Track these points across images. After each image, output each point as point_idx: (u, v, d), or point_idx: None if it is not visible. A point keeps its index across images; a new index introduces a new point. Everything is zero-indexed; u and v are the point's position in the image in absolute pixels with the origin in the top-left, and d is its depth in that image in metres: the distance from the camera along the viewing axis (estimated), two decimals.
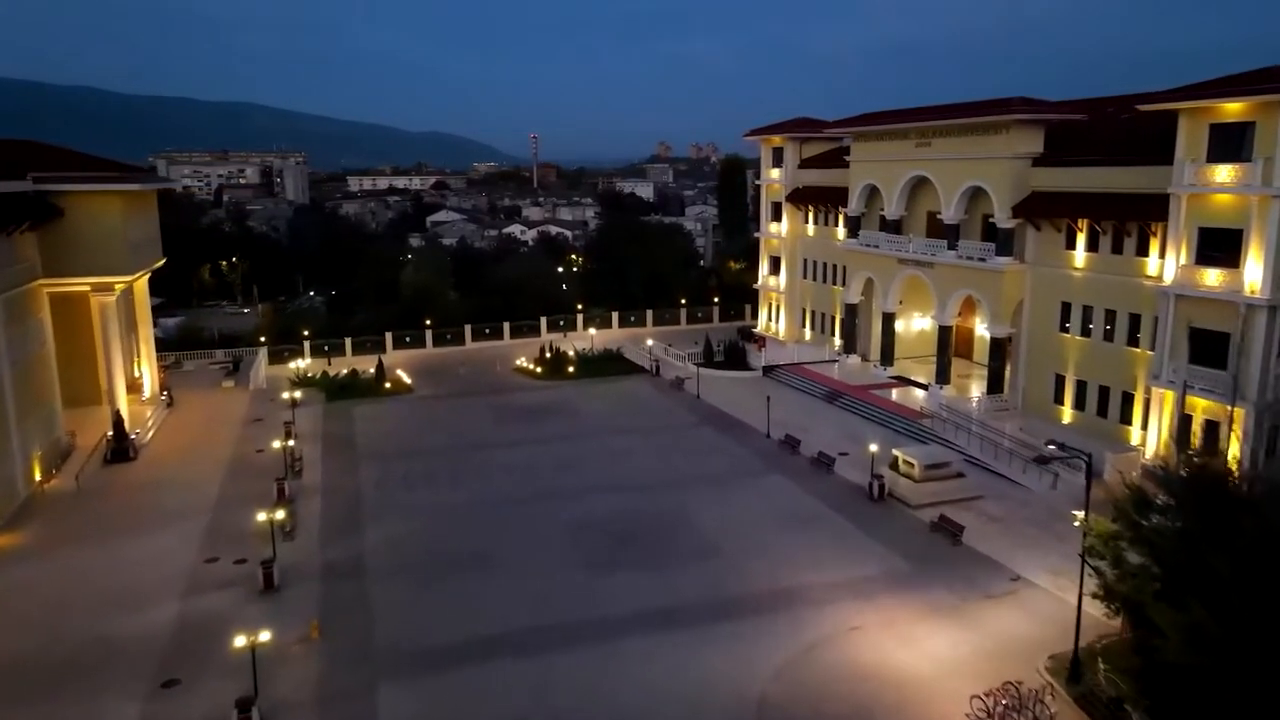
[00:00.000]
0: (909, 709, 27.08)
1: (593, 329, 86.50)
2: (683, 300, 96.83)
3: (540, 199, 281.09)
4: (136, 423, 54.61)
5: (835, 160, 73.01)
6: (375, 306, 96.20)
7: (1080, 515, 28.28)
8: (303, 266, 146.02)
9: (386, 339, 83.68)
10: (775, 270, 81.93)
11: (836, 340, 73.73)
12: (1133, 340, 48.36)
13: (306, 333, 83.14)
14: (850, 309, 70.69)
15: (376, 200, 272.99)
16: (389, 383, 69.00)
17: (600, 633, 31.76)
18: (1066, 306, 52.32)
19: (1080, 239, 51.12)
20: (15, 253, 46.36)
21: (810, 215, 77.39)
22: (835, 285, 73.99)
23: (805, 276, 78.72)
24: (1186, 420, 44.01)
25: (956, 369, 62.23)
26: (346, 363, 76.88)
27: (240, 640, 26.45)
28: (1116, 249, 49.12)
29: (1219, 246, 42.35)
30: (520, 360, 76.35)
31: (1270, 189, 39.24)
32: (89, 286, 51.39)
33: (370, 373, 70.65)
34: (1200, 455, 28.89)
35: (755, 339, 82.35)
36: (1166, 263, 44.74)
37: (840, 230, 72.66)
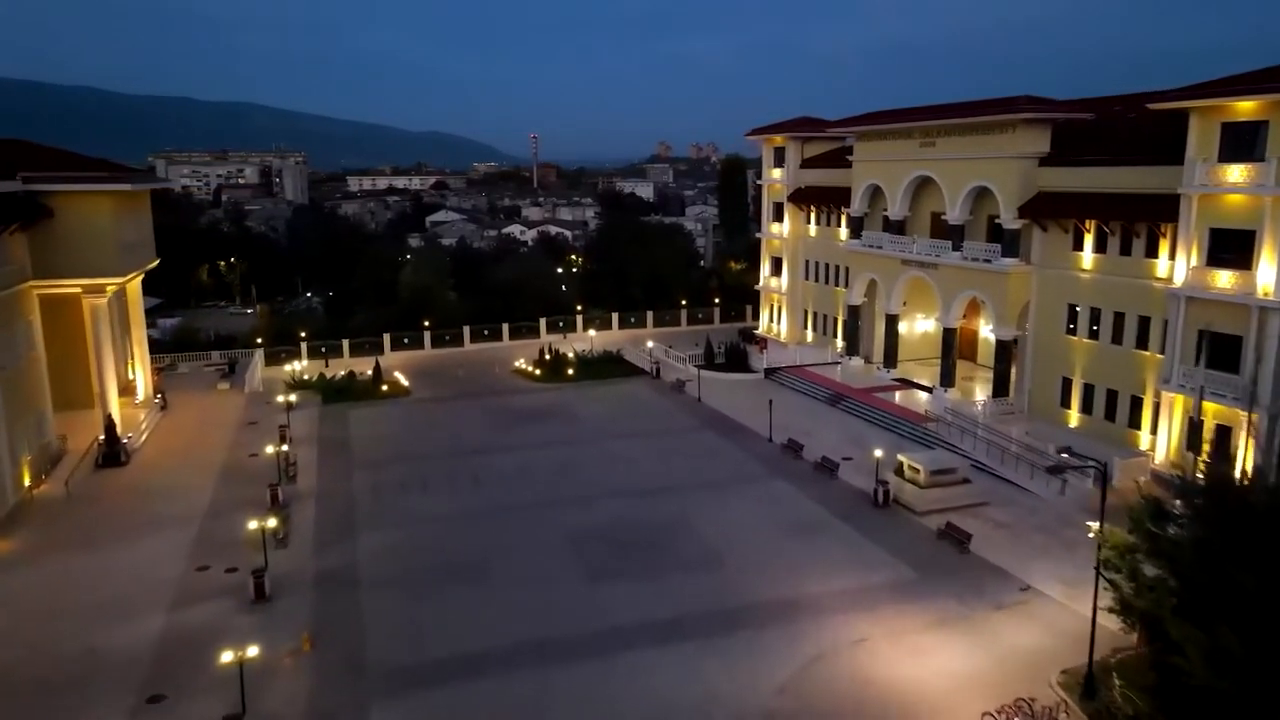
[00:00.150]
0: None
1: (592, 330, 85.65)
2: (683, 301, 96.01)
3: (540, 199, 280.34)
4: (129, 426, 53.81)
5: (838, 160, 72.18)
6: (374, 307, 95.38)
7: (1094, 526, 27.39)
8: (301, 267, 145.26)
9: (384, 340, 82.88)
10: (777, 271, 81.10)
11: (839, 342, 72.95)
12: (1142, 343, 47.50)
13: (303, 334, 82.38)
14: (853, 310, 69.87)
15: (376, 200, 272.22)
16: (386, 385, 68.19)
17: (600, 646, 30.90)
18: (1074, 309, 51.47)
19: (1088, 240, 50.28)
20: (4, 254, 45.51)
21: (812, 216, 76.55)
22: (838, 286, 73.16)
23: (807, 277, 77.88)
24: (1197, 425, 43.23)
25: (960, 371, 61.40)
26: (344, 364, 76.04)
27: (227, 656, 25.56)
28: (1125, 250, 48.26)
29: (1231, 248, 41.52)
30: (519, 362, 75.53)
31: None
32: (80, 288, 50.55)
33: (368, 375, 69.84)
34: (1217, 463, 28.03)
35: (756, 340, 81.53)
36: (1177, 264, 43.92)
37: (843, 231, 71.85)
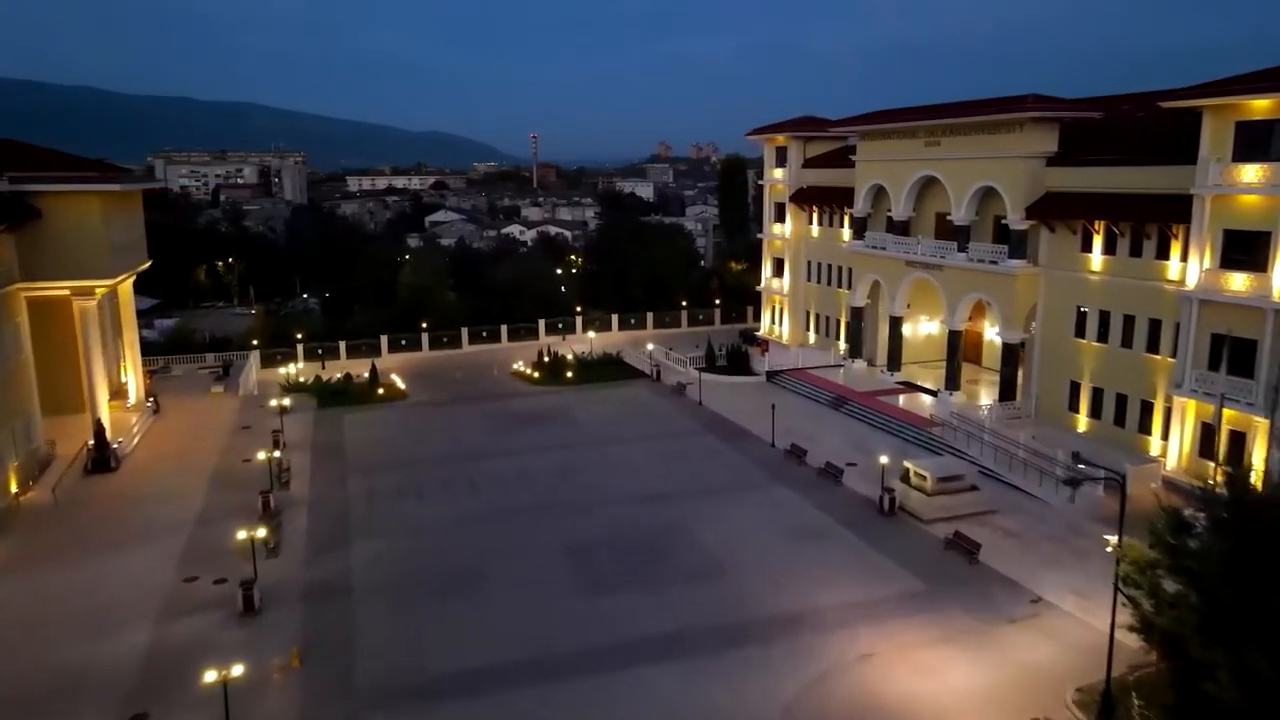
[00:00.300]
0: None
1: (592, 332, 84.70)
2: (684, 302, 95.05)
3: (540, 199, 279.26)
4: (120, 430, 52.85)
5: (840, 160, 71.20)
6: (372, 308, 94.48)
7: (1111, 538, 26.38)
8: (300, 267, 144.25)
9: (382, 342, 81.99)
10: (779, 272, 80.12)
11: (841, 344, 71.98)
12: (1152, 347, 46.51)
13: (300, 336, 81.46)
14: (856, 312, 68.88)
15: (375, 200, 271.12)
16: (383, 388, 67.26)
17: (601, 662, 29.91)
18: (1082, 311, 50.46)
19: (1097, 241, 49.28)
20: None
21: (815, 216, 75.55)
22: (840, 288, 72.16)
23: (809, 279, 76.88)
24: (1210, 431, 42.28)
25: (965, 374, 60.40)
26: (341, 366, 75.15)
27: (211, 675, 24.55)
28: (1135, 252, 47.27)
29: (1245, 249, 40.60)
30: (518, 364, 74.58)
31: None
32: (69, 290, 49.54)
33: (364, 377, 68.92)
34: (1239, 472, 27.00)
35: (758, 342, 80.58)
36: (1189, 266, 42.97)
37: (846, 231, 70.88)
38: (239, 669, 25.22)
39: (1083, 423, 50.75)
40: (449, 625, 32.42)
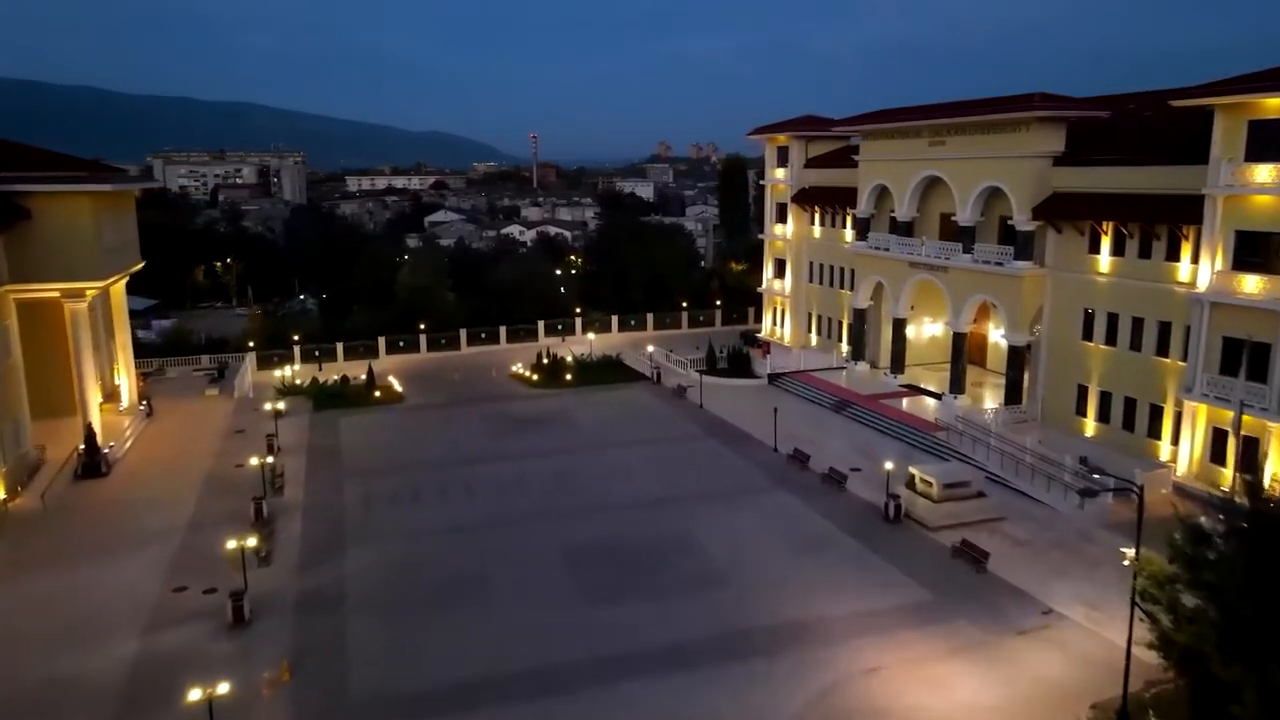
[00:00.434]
0: None
1: (591, 334, 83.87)
2: (684, 303, 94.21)
3: (539, 199, 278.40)
4: (112, 434, 52.05)
5: (843, 159, 70.38)
6: (371, 309, 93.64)
7: (1129, 552, 25.53)
8: (299, 268, 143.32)
9: (380, 344, 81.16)
10: (780, 273, 79.29)
11: (844, 346, 71.15)
12: (1162, 350, 45.68)
13: (296, 337, 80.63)
14: (859, 314, 68.04)
15: (375, 200, 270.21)
16: (380, 391, 66.41)
17: (599, 673, 29.09)
18: (1090, 313, 49.64)
19: (1105, 242, 48.45)
20: None
21: (817, 216, 74.72)
22: (843, 289, 71.33)
23: (811, 280, 76.05)
24: (1222, 436, 41.48)
25: (969, 377, 59.58)
26: (338, 368, 74.28)
27: (195, 694, 23.70)
28: (1144, 253, 46.44)
29: (1259, 251, 39.83)
30: (516, 366, 73.75)
31: None
32: (59, 292, 48.70)
33: (361, 379, 68.11)
34: (1258, 479, 26.15)
35: (759, 344, 79.73)
36: (1200, 268, 42.15)
37: (848, 232, 70.06)
38: (224, 687, 24.38)
39: (1090, 427, 49.91)
40: (445, 636, 31.59)
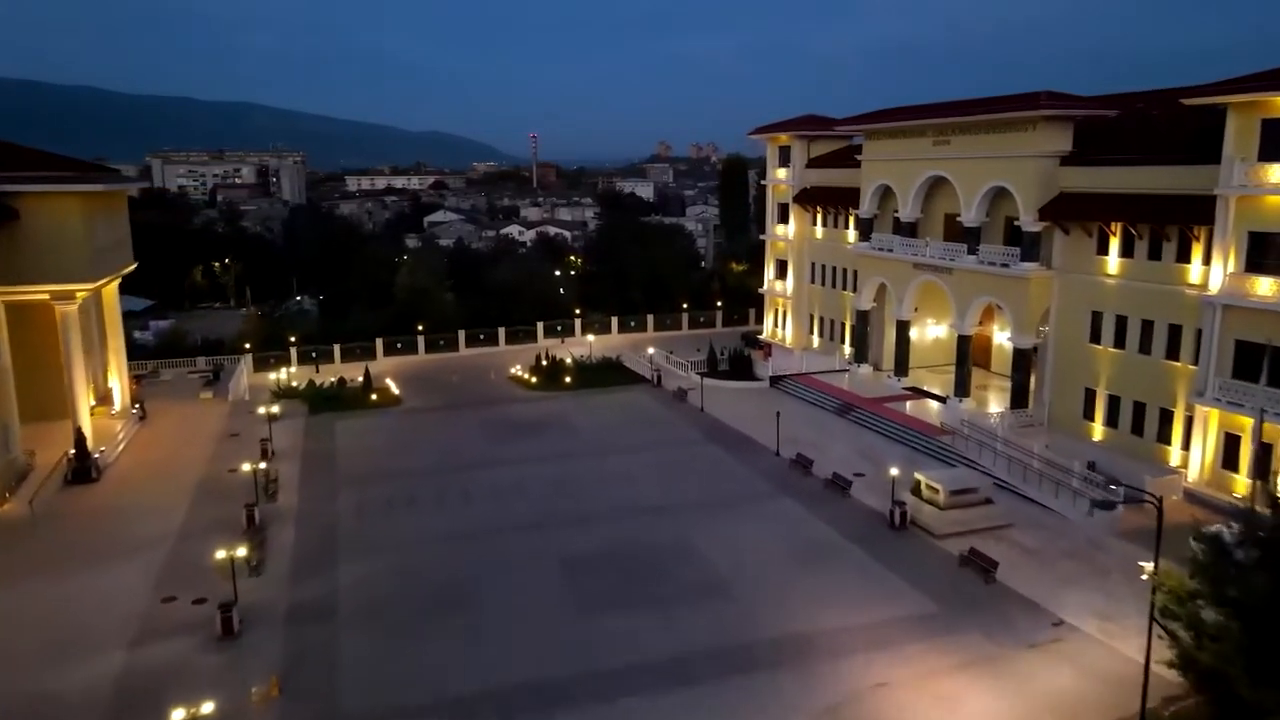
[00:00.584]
0: None
1: (591, 335, 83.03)
2: (684, 304, 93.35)
3: (539, 199, 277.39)
4: (104, 438, 51.19)
5: (846, 159, 69.51)
6: (369, 310, 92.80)
7: (1147, 566, 24.67)
8: (297, 268, 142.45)
9: (377, 346, 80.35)
10: (782, 274, 78.41)
11: (847, 348, 70.28)
12: (1172, 353, 44.80)
13: (293, 339, 79.81)
14: (862, 316, 67.17)
15: (374, 200, 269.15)
16: (376, 394, 65.55)
17: (598, 688, 28.26)
18: (1098, 316, 48.75)
19: (1113, 244, 47.58)
20: None
21: (819, 217, 73.86)
22: (845, 291, 70.45)
23: (813, 281, 75.16)
24: (1235, 442, 40.64)
25: (974, 380, 58.63)
26: (335, 370, 73.49)
27: (179, 714, 22.82)
28: (1154, 254, 45.56)
29: (1272, 253, 38.99)
30: (515, 368, 72.91)
31: None
32: (48, 294, 47.84)
33: (358, 382, 67.27)
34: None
35: (760, 345, 78.95)
36: (1212, 270, 41.29)
37: (851, 233, 69.19)
38: (209, 706, 23.52)
39: (1098, 431, 49.05)
40: (439, 649, 30.74)
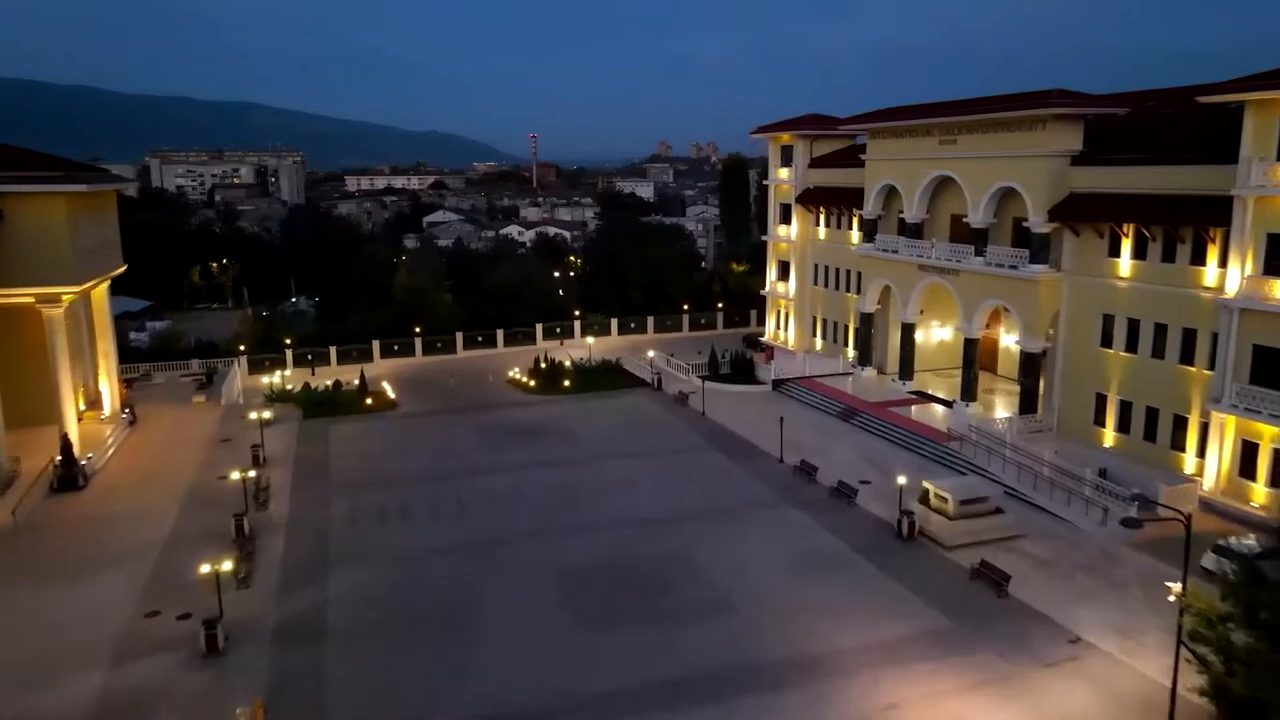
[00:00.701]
0: None
1: (590, 338, 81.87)
2: (685, 306, 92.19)
3: (539, 199, 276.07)
4: (92, 444, 50.05)
5: (849, 159, 68.34)
6: (366, 311, 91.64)
7: (1175, 587, 23.54)
8: (295, 269, 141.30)
9: (374, 348, 79.24)
10: (784, 276, 77.23)
11: (850, 351, 69.11)
12: (1186, 358, 43.65)
13: (289, 341, 78.69)
14: (865, 318, 65.99)
15: (373, 200, 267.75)
16: (372, 397, 64.36)
17: (596, 710, 27.16)
18: (1109, 319, 47.59)
19: (1125, 245, 46.42)
20: None
21: (822, 218, 72.71)
22: (849, 292, 69.28)
23: (816, 283, 73.98)
24: (1253, 449, 39.51)
25: (981, 384, 57.45)
26: (331, 373, 72.37)
27: None
28: (1168, 257, 44.41)
29: None
30: (513, 371, 71.77)
31: None
32: (33, 298, 46.68)
33: (354, 385, 66.12)
34: None
35: (762, 348, 77.80)
36: (1229, 273, 40.16)
37: (855, 234, 68.03)
38: None
39: (1109, 437, 47.89)
40: (431, 668, 29.60)
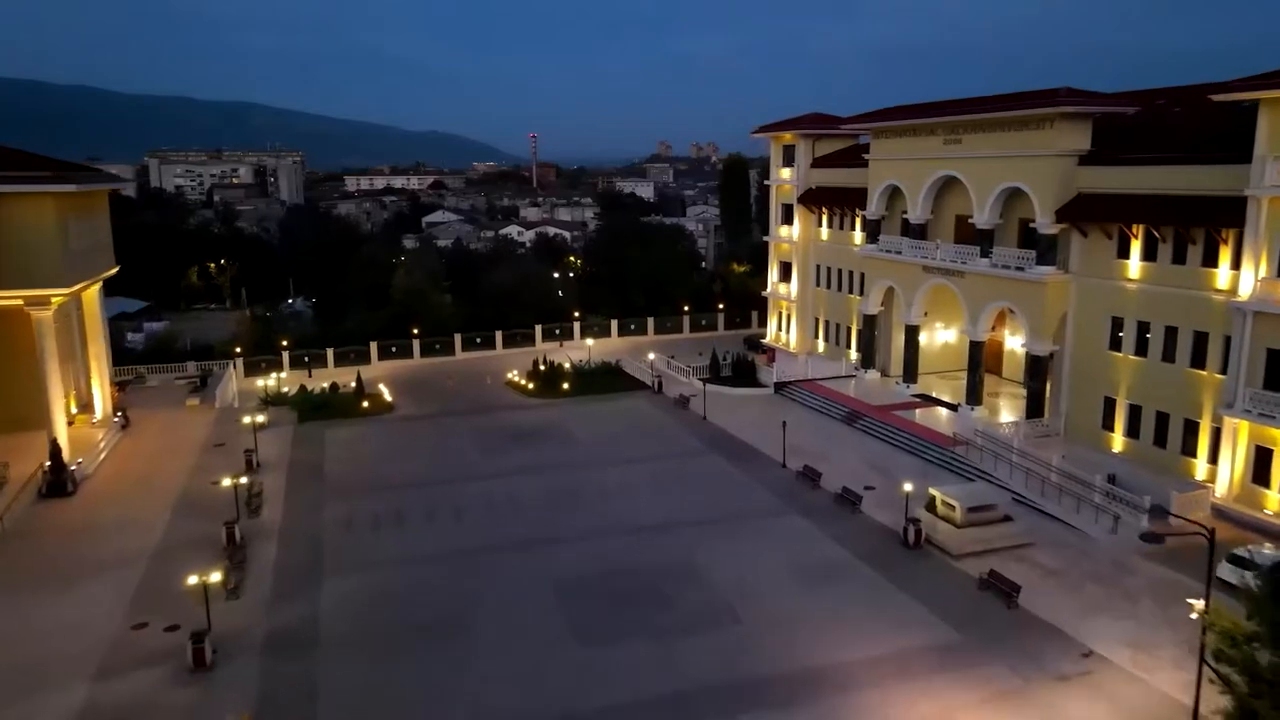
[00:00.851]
0: None
1: (590, 339, 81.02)
2: (685, 307, 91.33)
3: (539, 199, 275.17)
4: (83, 449, 49.23)
5: (852, 159, 67.47)
6: (365, 312, 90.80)
7: (1198, 604, 22.69)
8: (294, 269, 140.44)
9: (372, 349, 78.39)
10: (785, 277, 76.37)
11: (853, 353, 68.25)
12: (1198, 362, 42.78)
13: (285, 343, 77.86)
14: (869, 320, 65.12)
15: (372, 201, 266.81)
16: (368, 400, 63.50)
17: None
18: (1118, 322, 46.74)
19: (1135, 247, 45.55)
20: None
21: (824, 218, 71.87)
22: (852, 294, 68.44)
23: (819, 284, 73.13)
24: (1266, 455, 38.65)
25: (986, 387, 56.59)
26: (328, 375, 71.46)
27: None
28: (1179, 258, 43.54)
29: None
30: (512, 374, 70.89)
31: None
32: (21, 300, 45.82)
33: (351, 387, 65.26)
34: None
35: (763, 350, 76.94)
36: (1242, 275, 39.27)
37: (858, 234, 67.18)
38: None
39: (1118, 442, 47.02)
40: (425, 683, 28.75)
